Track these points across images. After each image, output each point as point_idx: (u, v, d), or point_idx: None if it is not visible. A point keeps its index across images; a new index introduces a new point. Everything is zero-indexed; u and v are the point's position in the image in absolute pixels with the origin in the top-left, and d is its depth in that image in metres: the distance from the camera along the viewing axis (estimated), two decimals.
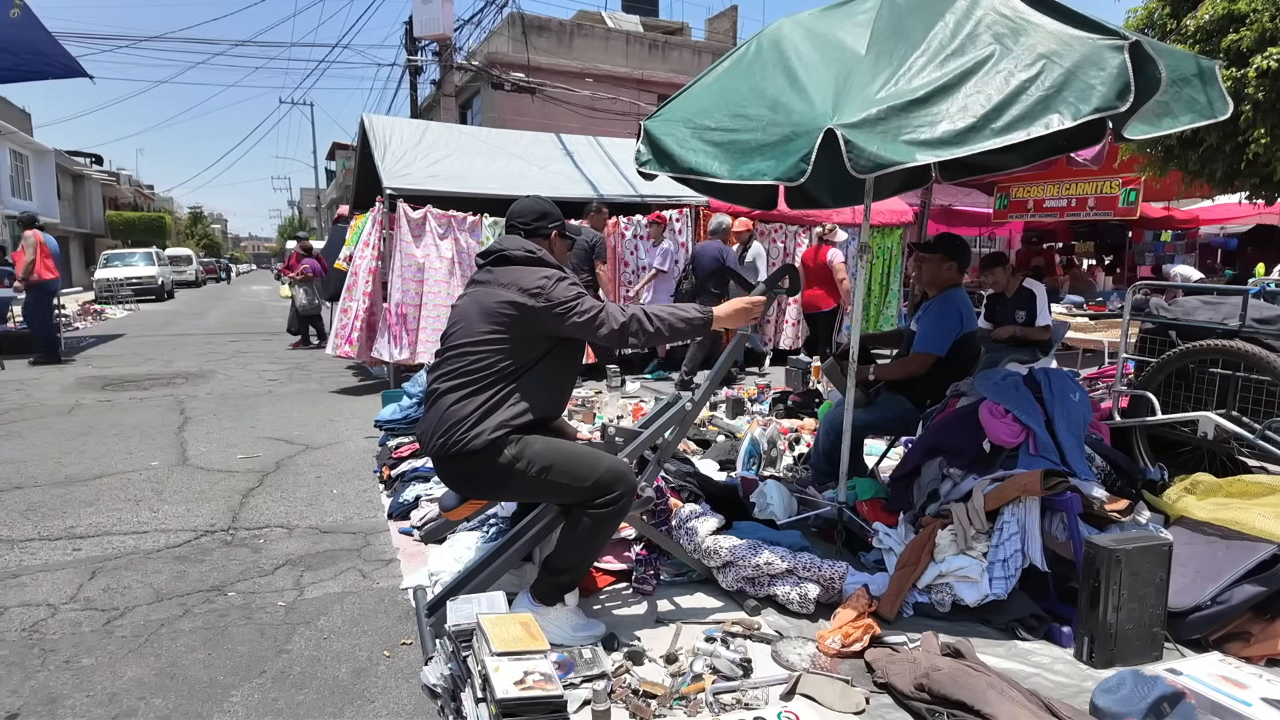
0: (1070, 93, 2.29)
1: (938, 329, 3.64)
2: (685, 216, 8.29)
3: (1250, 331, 3.71)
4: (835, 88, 2.63)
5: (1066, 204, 8.82)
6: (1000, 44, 2.48)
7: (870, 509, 3.39)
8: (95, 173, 33.29)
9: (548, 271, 2.49)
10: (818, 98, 2.63)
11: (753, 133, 2.73)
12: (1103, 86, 2.26)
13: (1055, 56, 2.37)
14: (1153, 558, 2.40)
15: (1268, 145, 5.03)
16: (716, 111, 2.93)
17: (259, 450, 5.19)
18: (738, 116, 2.83)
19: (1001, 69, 2.42)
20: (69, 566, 3.28)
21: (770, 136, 2.67)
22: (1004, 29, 2.51)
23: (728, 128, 2.83)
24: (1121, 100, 2.24)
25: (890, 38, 2.72)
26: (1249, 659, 2.39)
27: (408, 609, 2.87)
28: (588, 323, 2.43)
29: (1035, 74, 2.36)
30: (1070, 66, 2.32)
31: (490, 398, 2.40)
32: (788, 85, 2.77)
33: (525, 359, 2.44)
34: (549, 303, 2.41)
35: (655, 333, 2.50)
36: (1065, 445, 3.02)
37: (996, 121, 2.34)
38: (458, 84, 18.83)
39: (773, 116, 2.71)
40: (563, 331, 2.46)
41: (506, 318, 2.42)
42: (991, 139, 2.33)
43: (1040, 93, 2.33)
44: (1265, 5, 4.99)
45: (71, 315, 14.65)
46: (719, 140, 2.84)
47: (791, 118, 2.64)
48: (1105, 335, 6.66)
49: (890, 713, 2.17)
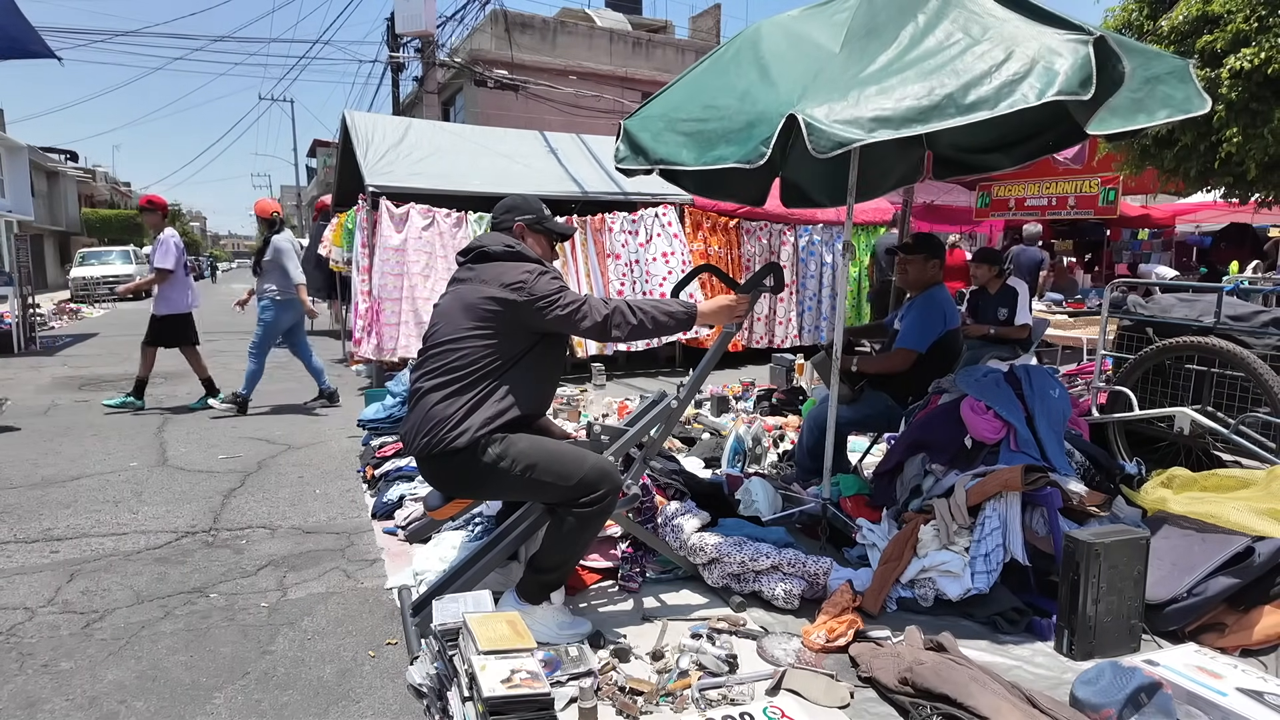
0: (1035, 77, 2.30)
1: (920, 326, 3.68)
2: (670, 212, 8.30)
3: (1225, 328, 3.78)
4: (804, 80, 2.65)
5: (1047, 202, 8.91)
6: (968, 35, 2.51)
7: (854, 505, 3.41)
8: (70, 169, 32.70)
9: (529, 266, 2.48)
10: (784, 88, 2.66)
11: (720, 121, 2.76)
12: (1067, 72, 2.27)
13: (1021, 46, 2.40)
14: (1131, 551, 2.44)
15: (1240, 144, 5.11)
16: (689, 105, 2.97)
17: (240, 450, 5.14)
18: (708, 108, 2.87)
19: (969, 55, 2.44)
20: (46, 569, 3.24)
21: (735, 124, 2.69)
22: (974, 26, 2.54)
23: (698, 118, 2.87)
24: (1084, 89, 2.25)
25: (864, 36, 2.74)
26: (1224, 649, 2.43)
27: (392, 609, 2.86)
28: (570, 315, 2.43)
29: (1001, 60, 2.37)
30: (1034, 54, 2.35)
31: (474, 396, 2.39)
32: (758, 78, 2.80)
33: (509, 355, 2.44)
34: (531, 296, 2.41)
35: (639, 325, 2.50)
36: (1045, 441, 3.06)
37: (962, 100, 2.33)
38: (440, 81, 18.70)
39: (740, 106, 2.74)
40: (546, 326, 2.46)
41: (489, 313, 2.41)
42: (955, 116, 2.32)
43: (1006, 76, 2.33)
44: (1239, 7, 5.07)
45: (47, 314, 14.42)
46: (688, 130, 2.87)
47: (756, 106, 2.67)
48: (1084, 332, 6.75)
49: (874, 706, 2.19)
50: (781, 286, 2.98)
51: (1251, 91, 5.00)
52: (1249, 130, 5.08)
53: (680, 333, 2.66)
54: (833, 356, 3.43)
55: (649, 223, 8.23)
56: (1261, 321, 3.72)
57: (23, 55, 6.56)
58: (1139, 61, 2.57)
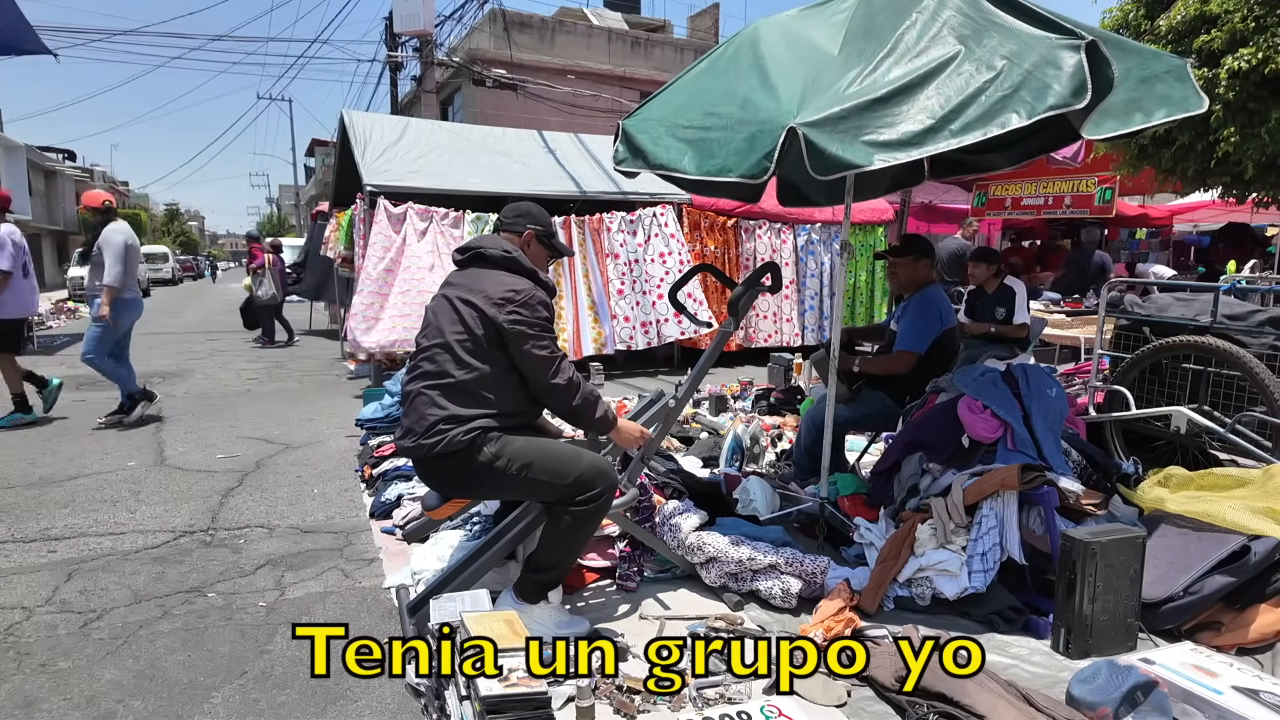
0: (1027, 92, 2.33)
1: (917, 327, 3.68)
2: (668, 212, 8.31)
3: (1221, 327, 3.78)
4: (803, 86, 2.66)
5: (1044, 202, 8.92)
6: (964, 44, 2.52)
7: (851, 504, 3.42)
8: (68, 169, 32.65)
9: (520, 284, 2.45)
10: (784, 95, 2.66)
11: (721, 130, 2.77)
12: (1059, 85, 2.30)
13: (1015, 57, 2.41)
14: (1127, 550, 2.44)
15: (1237, 144, 5.12)
16: (690, 110, 2.97)
17: (238, 450, 5.14)
18: (709, 114, 2.87)
19: (963, 70, 2.45)
20: (44, 569, 3.23)
21: (736, 134, 2.70)
22: (968, 30, 2.55)
23: (699, 125, 2.87)
24: (1077, 98, 2.28)
25: (862, 37, 2.75)
26: (1220, 648, 2.44)
27: (390, 608, 2.86)
28: (545, 359, 2.39)
29: (994, 75, 2.39)
30: (1029, 67, 2.36)
31: (467, 398, 2.39)
32: (759, 84, 2.80)
33: (500, 359, 2.43)
34: (510, 319, 2.38)
35: (578, 407, 2.48)
36: (1042, 440, 3.06)
37: (954, 123, 2.37)
38: (439, 80, 18.68)
39: (740, 114, 2.75)
40: (513, 354, 2.41)
41: (475, 321, 2.41)
42: (949, 139, 2.37)
43: (999, 94, 2.36)
44: (1237, 6, 5.07)
45: (45, 314, 14.40)
46: (690, 138, 2.87)
47: (758, 115, 2.67)
48: (1081, 332, 6.75)
49: (871, 705, 2.19)
50: (779, 286, 2.99)
51: (1249, 91, 5.00)
52: (1246, 130, 5.08)
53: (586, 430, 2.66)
54: (831, 355, 3.43)
55: (647, 222, 8.23)
56: (1258, 321, 3.73)
57: (18, 53, 6.52)
58: (1136, 61, 2.57)
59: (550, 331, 2.46)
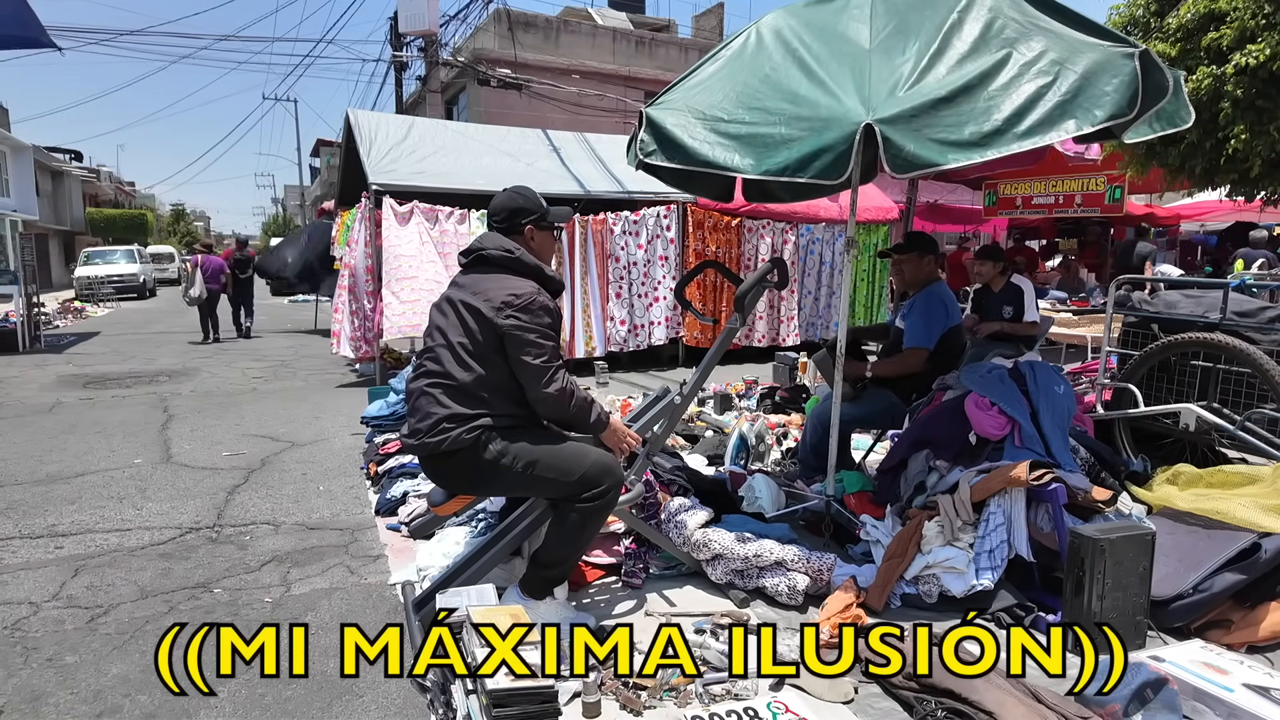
0: (1085, 99, 2.36)
1: (925, 323, 3.67)
2: (673, 213, 8.30)
3: (1230, 324, 3.76)
4: (855, 81, 2.65)
5: (1054, 201, 8.89)
6: (1013, 48, 2.53)
7: (858, 502, 3.41)
8: (75, 169, 32.76)
9: (521, 288, 2.43)
10: (842, 92, 2.64)
11: (774, 126, 2.71)
12: (1115, 94, 2.33)
13: (1068, 62, 2.42)
14: (1136, 547, 2.43)
15: (1246, 141, 5.10)
16: (728, 104, 2.88)
17: (244, 447, 5.15)
18: (755, 110, 2.79)
19: (1019, 73, 2.47)
20: (51, 564, 3.24)
21: (796, 130, 2.65)
22: (1014, 32, 2.57)
23: (745, 120, 2.79)
24: (1131, 107, 2.31)
25: (895, 34, 2.74)
26: (1230, 646, 2.42)
27: (396, 604, 2.86)
28: (539, 367, 2.37)
29: (1051, 79, 2.41)
30: (1084, 72, 2.38)
31: (469, 399, 2.38)
32: (804, 78, 2.77)
33: (501, 364, 2.41)
34: (508, 323, 2.36)
35: (571, 415, 2.48)
36: (1050, 437, 3.05)
37: (1018, 126, 2.39)
38: (443, 80, 18.74)
39: (795, 110, 2.70)
40: (511, 359, 2.39)
41: (477, 326, 2.40)
42: (1015, 143, 2.39)
43: (1058, 98, 2.38)
44: (1246, 3, 5.05)
45: (51, 313, 14.46)
46: (737, 134, 2.78)
47: (818, 111, 2.64)
48: (1089, 330, 6.72)
49: (879, 701, 2.18)
50: (786, 281, 2.98)
51: (1257, 88, 4.98)
52: (1255, 127, 5.06)
53: (581, 430, 2.61)
54: (836, 353, 3.42)
55: (650, 224, 8.23)
56: (1268, 317, 3.70)
57: (22, 45, 6.54)
58: None
59: (551, 337, 2.43)
